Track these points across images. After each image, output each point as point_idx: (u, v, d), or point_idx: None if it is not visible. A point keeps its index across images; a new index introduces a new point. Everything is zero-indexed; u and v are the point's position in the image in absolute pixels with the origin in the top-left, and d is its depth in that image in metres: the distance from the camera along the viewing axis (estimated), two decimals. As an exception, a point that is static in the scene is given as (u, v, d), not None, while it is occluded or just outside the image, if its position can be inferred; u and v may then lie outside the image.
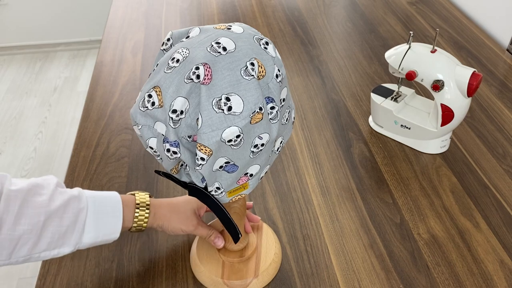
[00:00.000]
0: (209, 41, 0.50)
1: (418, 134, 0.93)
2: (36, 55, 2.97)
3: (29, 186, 0.57)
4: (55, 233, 0.57)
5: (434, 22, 1.41)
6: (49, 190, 0.58)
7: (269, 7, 1.51)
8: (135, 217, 0.65)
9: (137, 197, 0.67)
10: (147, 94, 0.51)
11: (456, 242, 0.76)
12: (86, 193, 0.62)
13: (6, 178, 0.56)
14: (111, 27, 1.40)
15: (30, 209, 0.55)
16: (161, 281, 0.70)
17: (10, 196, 0.54)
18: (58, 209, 0.57)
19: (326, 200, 0.84)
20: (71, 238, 0.59)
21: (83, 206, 0.60)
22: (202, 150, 0.50)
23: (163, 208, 0.68)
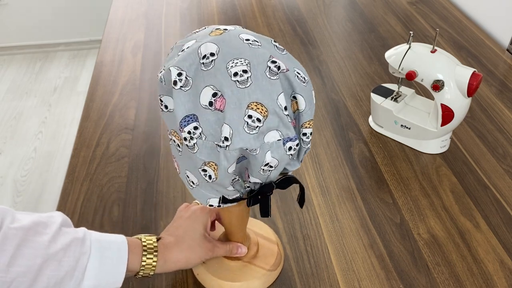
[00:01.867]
0: (238, 35, 0.51)
1: (418, 134, 0.93)
2: (36, 55, 2.97)
3: (31, 224, 0.52)
4: (51, 278, 0.52)
5: (434, 22, 1.41)
6: (52, 230, 0.54)
7: (269, 7, 1.51)
8: (142, 261, 0.60)
9: (144, 240, 0.62)
10: (245, 118, 0.47)
11: (456, 242, 0.76)
12: (91, 236, 0.57)
13: (7, 214, 0.52)
14: (111, 27, 1.40)
15: (27, 250, 0.51)
16: (161, 281, 0.70)
17: (8, 235, 0.50)
18: (58, 252, 0.53)
19: (326, 200, 0.84)
20: (69, 284, 0.54)
21: (85, 250, 0.55)
22: (309, 125, 0.52)
23: (172, 252, 0.63)
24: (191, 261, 0.64)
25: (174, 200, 0.84)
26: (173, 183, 0.87)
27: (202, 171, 0.51)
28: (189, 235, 0.64)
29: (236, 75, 0.47)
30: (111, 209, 0.82)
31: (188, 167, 0.54)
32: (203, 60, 0.48)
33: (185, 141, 0.49)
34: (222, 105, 0.47)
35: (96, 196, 0.85)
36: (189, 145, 0.49)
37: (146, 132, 0.99)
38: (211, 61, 0.48)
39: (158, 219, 0.80)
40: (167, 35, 1.35)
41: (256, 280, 0.68)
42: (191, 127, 0.48)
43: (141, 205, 0.83)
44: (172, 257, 0.62)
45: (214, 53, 0.48)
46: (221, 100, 0.47)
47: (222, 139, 0.48)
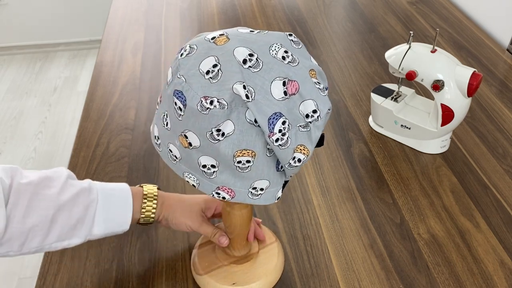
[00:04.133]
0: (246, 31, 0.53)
1: (418, 134, 0.93)
2: (36, 55, 2.97)
3: (39, 179, 0.57)
4: (64, 226, 0.58)
5: (434, 22, 1.41)
6: (59, 183, 0.59)
7: (269, 7, 1.51)
8: (142, 208, 0.65)
9: (145, 188, 0.67)
10: (316, 85, 0.51)
11: (456, 242, 0.76)
12: (96, 185, 0.62)
13: (17, 171, 0.57)
14: (111, 27, 1.40)
15: (39, 203, 0.56)
16: (161, 281, 0.70)
17: (20, 190, 0.55)
18: (68, 202, 0.58)
19: (326, 200, 0.84)
20: (81, 230, 0.60)
21: (93, 198, 0.60)
22: None
23: (170, 199, 0.68)
24: (177, 216, 0.68)
25: (174, 200, 0.84)
26: (173, 183, 0.87)
27: (292, 160, 0.51)
28: (190, 200, 0.70)
29: (284, 58, 0.50)
30: (111, 209, 0.82)
31: (270, 172, 0.53)
32: (248, 64, 0.48)
33: (278, 142, 0.49)
34: (295, 87, 0.49)
35: (96, 196, 0.85)
36: (282, 142, 0.49)
37: (146, 132, 0.99)
38: (256, 59, 0.49)
39: (158, 219, 0.80)
40: (167, 35, 1.35)
41: (255, 285, 0.67)
42: (279, 125, 0.48)
43: (141, 205, 0.83)
44: (167, 202, 0.68)
45: (252, 53, 0.49)
46: (292, 84, 0.49)
47: (310, 114, 0.50)
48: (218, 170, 0.52)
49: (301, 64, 0.50)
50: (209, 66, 0.48)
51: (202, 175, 0.53)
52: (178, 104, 0.49)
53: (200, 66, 0.49)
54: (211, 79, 0.48)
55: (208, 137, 0.49)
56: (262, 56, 0.49)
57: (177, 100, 0.49)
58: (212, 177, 0.53)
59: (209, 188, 0.54)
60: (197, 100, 0.48)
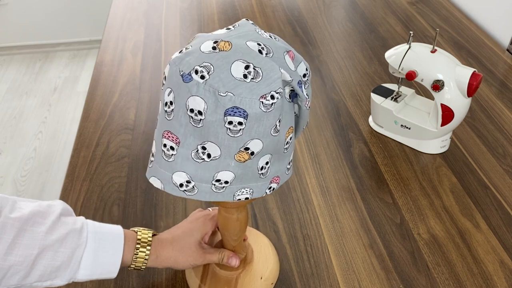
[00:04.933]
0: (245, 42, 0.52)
1: (418, 134, 0.93)
2: (36, 55, 2.97)
3: (30, 214, 0.54)
4: (47, 266, 0.55)
5: (434, 22, 1.41)
6: (50, 220, 0.56)
7: (269, 7, 1.51)
8: (135, 254, 0.61)
9: (139, 234, 0.63)
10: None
11: (456, 242, 0.76)
12: (88, 227, 0.59)
13: (7, 202, 0.54)
14: (111, 27, 1.40)
15: (25, 240, 0.53)
16: (161, 281, 0.70)
17: (7, 224, 0.52)
18: (55, 243, 0.55)
19: (326, 200, 0.84)
20: (65, 273, 0.56)
21: (82, 242, 0.57)
22: None
23: (165, 249, 0.64)
24: (180, 262, 0.65)
25: (174, 200, 0.84)
26: (173, 183, 0.87)
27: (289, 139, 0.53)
28: (184, 238, 0.66)
29: (270, 37, 0.53)
30: (111, 209, 0.82)
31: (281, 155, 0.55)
32: (264, 52, 0.50)
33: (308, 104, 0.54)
34: (292, 55, 0.53)
35: (96, 196, 0.85)
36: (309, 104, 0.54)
37: (146, 132, 0.99)
38: (264, 45, 0.50)
39: (158, 219, 0.80)
40: (167, 35, 1.35)
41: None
42: (304, 90, 0.53)
43: (141, 205, 0.83)
44: (164, 253, 0.64)
45: (259, 42, 0.50)
46: (291, 53, 0.52)
47: (305, 73, 0.54)
48: (271, 164, 0.53)
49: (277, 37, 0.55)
50: (241, 70, 0.47)
51: (258, 179, 0.53)
52: (237, 120, 0.47)
53: (234, 75, 0.47)
54: (254, 80, 0.47)
55: (272, 133, 0.50)
56: (264, 41, 0.51)
57: (234, 117, 0.47)
58: (267, 175, 0.54)
59: (262, 189, 0.54)
60: (257, 103, 0.47)
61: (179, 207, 0.82)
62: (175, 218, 0.80)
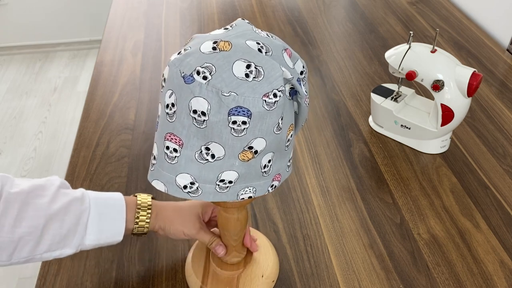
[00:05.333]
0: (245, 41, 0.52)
1: (418, 134, 0.93)
2: (36, 55, 2.97)
3: (31, 188, 0.56)
4: (55, 235, 0.57)
5: (434, 22, 1.41)
6: (51, 191, 0.58)
7: (269, 7, 1.51)
8: (136, 218, 0.64)
9: (139, 198, 0.66)
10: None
11: (456, 242, 0.76)
12: (89, 194, 0.61)
13: (7, 180, 0.56)
14: (111, 27, 1.40)
15: (30, 212, 0.55)
16: (161, 281, 0.70)
17: (10, 198, 0.54)
18: (59, 212, 0.57)
19: (326, 200, 0.84)
20: (73, 240, 0.58)
21: (85, 208, 0.59)
22: None
23: (165, 209, 0.67)
24: (175, 225, 0.66)
25: (174, 200, 0.84)
26: (173, 183, 0.87)
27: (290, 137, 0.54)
28: (186, 207, 0.68)
29: (267, 35, 0.53)
30: (111, 209, 0.82)
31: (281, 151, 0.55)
32: (264, 51, 0.50)
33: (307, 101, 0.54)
34: (289, 52, 0.53)
35: (96, 196, 0.85)
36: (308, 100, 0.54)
37: (146, 132, 0.99)
38: (263, 44, 0.50)
39: (158, 219, 0.80)
40: (167, 35, 1.35)
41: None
42: (303, 87, 0.53)
43: (141, 205, 0.83)
44: (162, 213, 0.66)
45: (257, 41, 0.50)
46: (288, 51, 0.53)
47: (302, 70, 0.54)
48: (273, 161, 0.53)
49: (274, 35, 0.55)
50: (243, 69, 0.47)
51: (261, 178, 0.53)
52: (241, 119, 0.47)
53: (236, 74, 0.47)
54: (256, 79, 0.47)
55: (275, 131, 0.50)
56: (262, 40, 0.51)
57: (238, 116, 0.47)
58: (270, 173, 0.54)
59: (265, 187, 0.54)
60: (260, 102, 0.47)
61: (179, 207, 0.82)
62: (175, 218, 0.80)
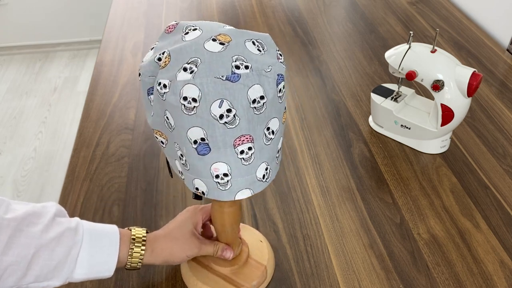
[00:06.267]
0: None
1: (418, 134, 0.93)
2: (36, 55, 2.97)
3: (25, 214, 0.54)
4: (44, 266, 0.54)
5: (434, 22, 1.41)
6: (46, 219, 0.55)
7: (269, 7, 1.51)
8: (129, 254, 0.61)
9: (133, 232, 0.63)
10: None
11: (456, 242, 0.76)
12: (84, 226, 0.59)
13: (2, 203, 0.53)
14: (111, 27, 1.40)
15: (21, 240, 0.52)
16: (161, 281, 0.70)
17: (2, 224, 0.51)
18: (51, 242, 0.54)
19: (326, 200, 0.84)
20: (62, 273, 0.56)
21: (77, 240, 0.57)
22: None
23: (160, 241, 0.64)
24: (176, 254, 0.65)
25: (174, 200, 0.84)
26: (173, 183, 0.87)
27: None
28: (177, 229, 0.66)
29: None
30: (111, 209, 0.82)
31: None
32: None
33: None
34: None
35: (96, 196, 0.85)
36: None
37: (146, 132, 0.99)
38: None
39: (158, 219, 0.80)
40: (167, 35, 1.35)
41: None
42: None
43: (141, 205, 0.83)
44: (158, 246, 0.64)
45: None
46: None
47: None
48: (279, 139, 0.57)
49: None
50: (253, 46, 0.52)
51: (276, 158, 0.57)
52: (283, 84, 0.53)
53: (253, 52, 0.51)
54: (264, 51, 0.52)
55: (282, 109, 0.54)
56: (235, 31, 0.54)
57: (281, 83, 0.52)
58: (279, 152, 0.58)
59: (276, 167, 0.58)
60: (279, 65, 0.52)
61: (179, 206, 0.82)
62: (175, 218, 0.80)
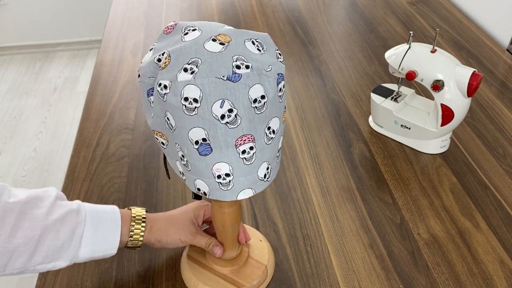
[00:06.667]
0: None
1: (418, 134, 0.93)
2: (36, 55, 2.97)
3: (28, 198, 0.56)
4: (50, 246, 0.56)
5: (434, 22, 1.41)
6: (48, 202, 0.57)
7: (269, 7, 1.51)
8: (130, 231, 0.64)
9: (133, 211, 0.65)
10: None
11: (456, 242, 0.76)
12: (85, 207, 0.61)
13: (4, 189, 0.55)
14: (111, 27, 1.40)
15: (26, 222, 0.54)
16: (161, 281, 0.70)
17: (7, 208, 0.53)
18: (55, 223, 0.56)
19: (326, 200, 0.84)
20: (67, 252, 0.58)
21: (81, 220, 0.59)
22: None
23: (159, 221, 0.67)
24: (170, 235, 0.67)
25: (174, 200, 0.84)
26: (173, 183, 0.87)
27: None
28: (178, 214, 0.69)
29: None
30: (111, 209, 0.82)
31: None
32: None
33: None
34: None
35: (96, 196, 0.85)
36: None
37: (146, 132, 0.99)
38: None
39: (158, 219, 0.80)
40: (167, 35, 1.35)
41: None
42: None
43: (141, 205, 0.83)
44: (156, 225, 0.66)
45: None
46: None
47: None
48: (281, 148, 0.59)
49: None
50: (252, 46, 0.52)
51: (276, 157, 0.57)
52: (283, 83, 0.52)
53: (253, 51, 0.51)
54: (264, 51, 0.52)
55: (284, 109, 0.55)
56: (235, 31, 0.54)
57: (281, 82, 0.52)
58: (280, 151, 0.58)
59: (277, 167, 0.58)
60: (278, 65, 0.52)
61: (179, 206, 0.82)
62: (175, 218, 0.80)
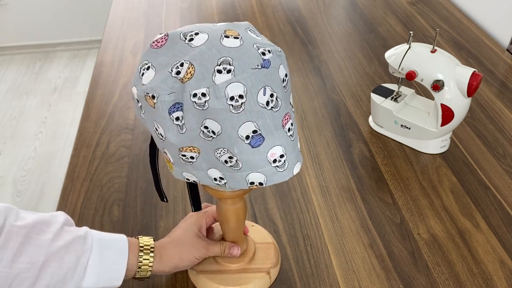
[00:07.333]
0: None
1: (418, 134, 0.93)
2: (36, 55, 2.97)
3: (34, 222, 0.54)
4: (54, 275, 0.54)
5: (434, 22, 1.41)
6: (55, 228, 0.55)
7: (269, 7, 1.51)
8: (139, 261, 0.61)
9: (141, 240, 0.63)
10: None
11: (456, 242, 0.76)
12: (93, 234, 0.58)
13: (11, 211, 0.53)
14: (111, 27, 1.40)
15: (30, 247, 0.52)
16: (161, 281, 0.70)
17: (12, 232, 0.51)
18: (60, 250, 0.54)
19: (326, 200, 0.84)
20: (71, 282, 0.55)
21: (87, 248, 0.56)
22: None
23: (167, 248, 0.64)
24: (185, 258, 0.65)
25: (174, 200, 0.84)
26: (173, 183, 0.87)
27: None
28: (183, 234, 0.66)
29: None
30: (111, 209, 0.82)
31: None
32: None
33: None
34: None
35: (96, 196, 0.85)
36: None
37: (146, 132, 0.99)
38: None
39: (158, 219, 0.80)
40: (167, 35, 1.35)
41: (251, 285, 0.67)
42: None
43: (141, 205, 0.83)
44: (167, 253, 0.64)
45: None
46: None
47: None
48: None
49: None
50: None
51: None
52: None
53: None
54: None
55: None
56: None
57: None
58: None
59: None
60: None
61: (179, 207, 0.82)
62: (175, 218, 0.80)
